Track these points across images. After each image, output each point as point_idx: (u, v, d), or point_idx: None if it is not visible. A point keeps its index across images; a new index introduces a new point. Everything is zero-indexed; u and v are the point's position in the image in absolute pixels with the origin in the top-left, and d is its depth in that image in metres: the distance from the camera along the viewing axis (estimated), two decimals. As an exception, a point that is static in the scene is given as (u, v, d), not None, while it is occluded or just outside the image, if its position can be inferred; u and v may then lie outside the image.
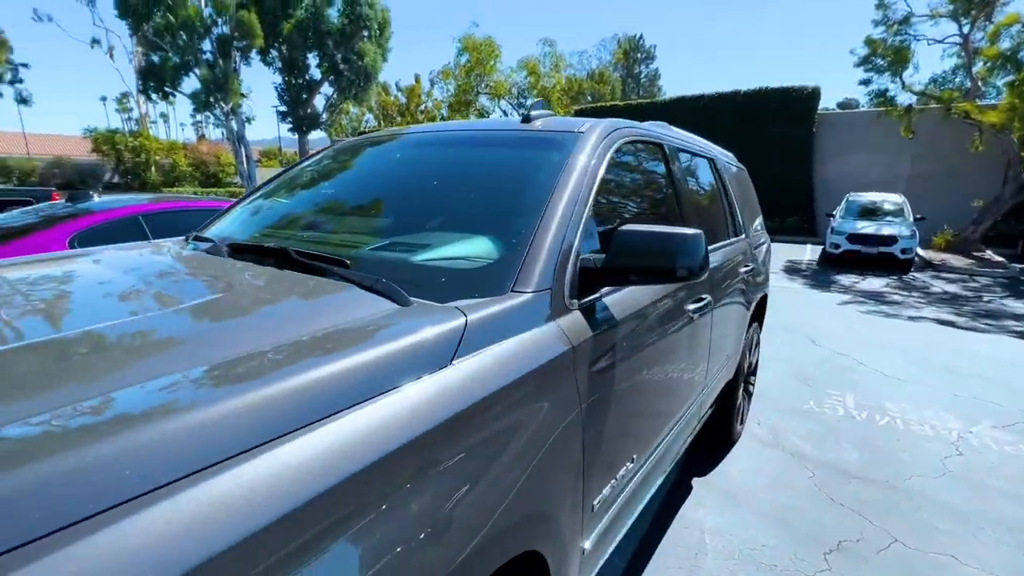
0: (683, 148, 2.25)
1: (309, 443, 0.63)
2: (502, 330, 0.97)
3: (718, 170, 2.75)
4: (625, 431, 1.36)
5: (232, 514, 0.52)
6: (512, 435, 0.91)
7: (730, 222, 2.72)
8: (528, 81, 18.64)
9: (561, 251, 1.19)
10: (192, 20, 23.17)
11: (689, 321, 1.79)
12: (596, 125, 1.60)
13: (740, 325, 2.67)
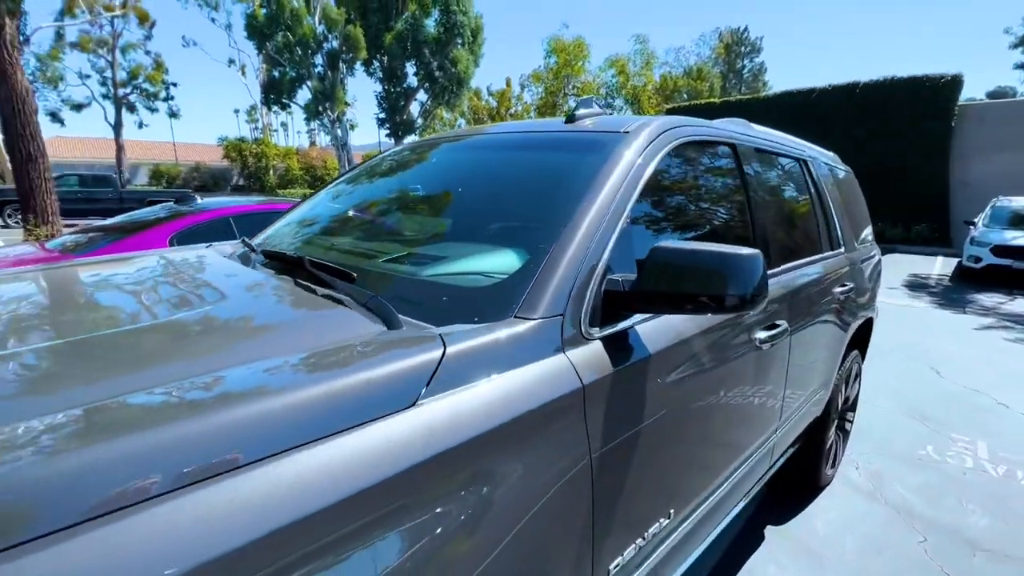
0: (763, 149, 1.95)
1: (207, 499, 0.54)
2: (491, 363, 0.84)
3: (811, 174, 2.37)
4: (657, 484, 1.15)
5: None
6: (494, 490, 0.77)
7: (824, 234, 2.33)
8: (617, 80, 18.08)
9: (582, 271, 1.03)
10: (307, 37, 25.46)
11: (756, 352, 1.52)
12: (646, 124, 1.41)
13: (832, 354, 2.28)
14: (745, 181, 1.73)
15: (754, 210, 1.73)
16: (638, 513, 1.10)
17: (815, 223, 2.27)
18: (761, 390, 1.60)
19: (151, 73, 29.88)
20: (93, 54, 27.56)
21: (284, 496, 0.57)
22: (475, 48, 29.71)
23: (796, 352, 1.82)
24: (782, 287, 1.75)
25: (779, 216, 1.96)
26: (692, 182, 1.56)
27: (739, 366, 1.44)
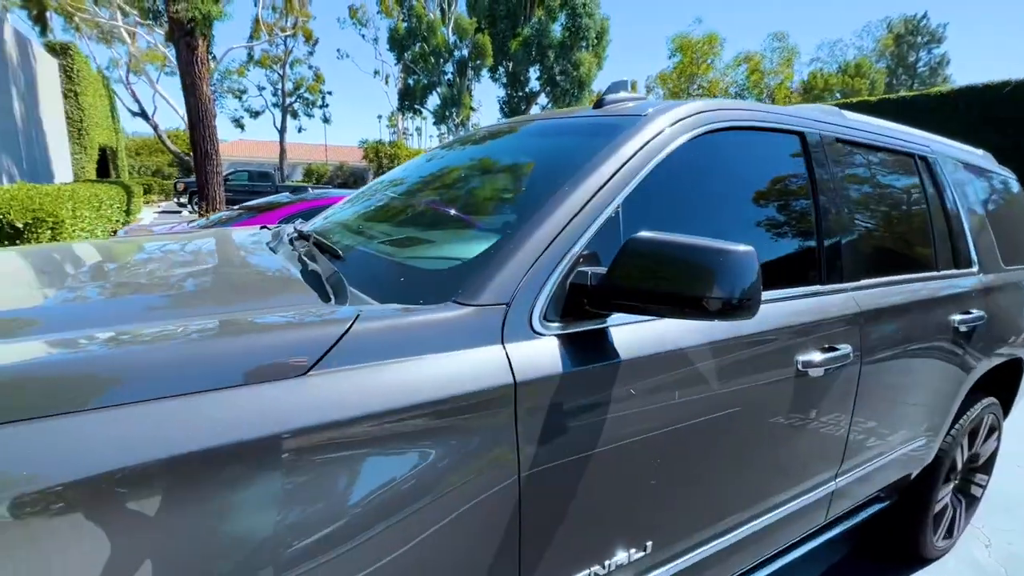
0: (852, 140, 1.62)
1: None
2: (404, 346, 0.79)
3: (932, 174, 1.93)
4: (616, 518, 1.01)
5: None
6: (383, 482, 0.73)
7: (943, 248, 1.88)
8: (748, 79, 16.58)
9: (542, 261, 0.94)
10: (440, 47, 27.27)
11: (798, 379, 1.27)
12: (670, 106, 1.25)
13: (941, 396, 1.83)
14: (814, 176, 1.46)
15: (824, 210, 1.45)
16: (583, 552, 0.97)
17: (928, 233, 1.85)
18: (804, 426, 1.33)
19: (311, 84, 34.26)
20: (269, 69, 32.39)
21: (150, 435, 0.60)
22: (599, 50, 29.41)
23: (871, 385, 1.49)
24: (856, 305, 1.44)
25: (866, 220, 1.62)
26: (730, 174, 1.35)
27: (765, 393, 1.21)
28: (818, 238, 1.44)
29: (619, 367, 0.96)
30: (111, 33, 21.85)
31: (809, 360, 1.27)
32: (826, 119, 1.60)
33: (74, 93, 12.91)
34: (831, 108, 1.75)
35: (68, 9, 20.83)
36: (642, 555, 1.06)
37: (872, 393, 1.51)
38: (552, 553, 0.91)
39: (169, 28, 9.89)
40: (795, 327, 1.27)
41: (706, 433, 1.11)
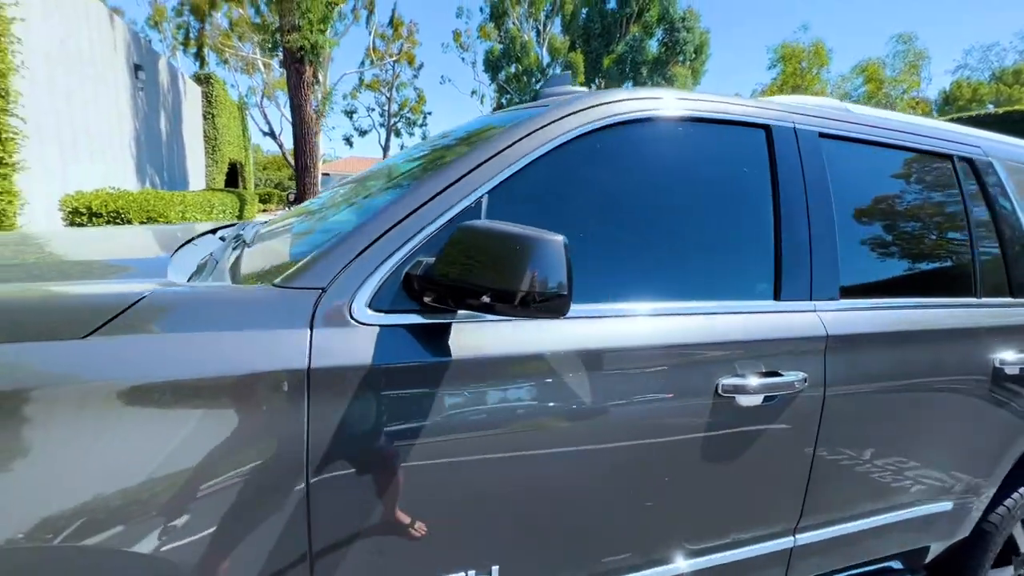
0: (842, 135, 1.38)
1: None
2: (195, 322, 0.80)
3: (982, 181, 1.58)
4: (452, 532, 0.92)
5: None
6: (150, 454, 0.74)
7: (989, 269, 1.52)
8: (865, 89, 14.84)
9: (368, 248, 0.90)
10: (533, 66, 27.95)
11: (726, 405, 1.09)
12: (585, 95, 1.15)
13: (976, 452, 1.47)
14: (777, 175, 1.26)
15: (788, 214, 1.24)
16: (393, 563, 0.89)
17: (964, 250, 1.51)
18: (728, 462, 1.13)
19: (414, 105, 36.75)
20: (378, 92, 35.32)
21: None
22: (697, 64, 28.31)
23: (843, 424, 1.23)
24: (821, 326, 1.21)
25: (859, 229, 1.36)
26: (656, 168, 1.20)
27: (661, 416, 1.05)
28: (776, 246, 1.23)
29: (454, 367, 0.89)
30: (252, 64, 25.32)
31: (738, 385, 1.09)
32: (809, 112, 1.38)
33: (212, 115, 15.04)
34: (830, 101, 1.52)
35: (219, 47, 24.46)
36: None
37: (845, 435, 1.25)
38: (351, 560, 0.86)
39: (283, 56, 11.19)
40: (717, 344, 1.10)
41: (570, 454, 0.99)
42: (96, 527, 0.69)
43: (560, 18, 29.49)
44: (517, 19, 29.65)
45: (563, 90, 1.37)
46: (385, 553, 0.88)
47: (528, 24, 29.43)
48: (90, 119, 7.59)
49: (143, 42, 10.33)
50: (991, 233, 1.57)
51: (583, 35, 28.75)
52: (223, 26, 24.14)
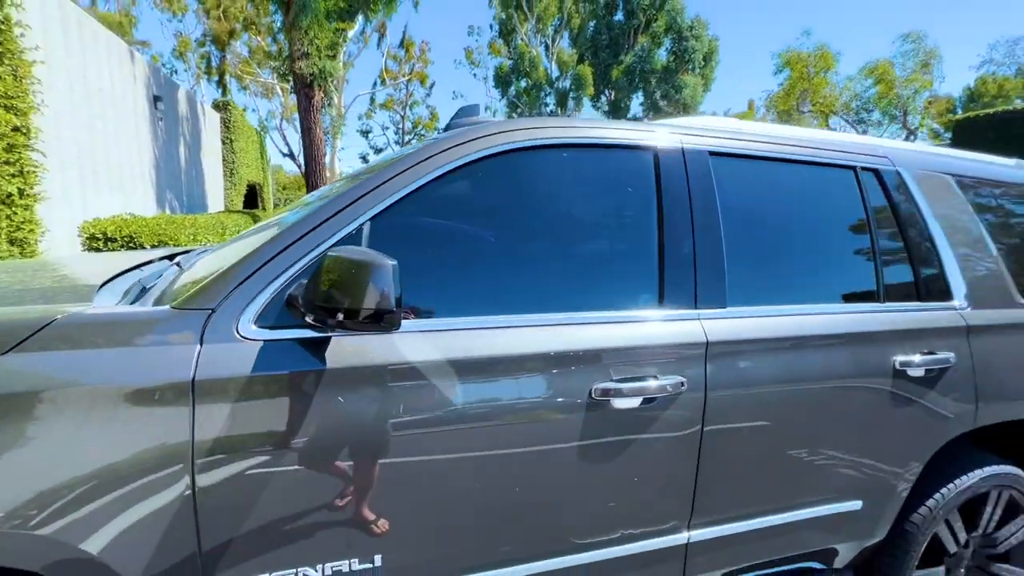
0: (732, 153, 1.47)
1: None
2: (102, 337, 0.94)
3: (888, 191, 1.64)
4: (333, 523, 1.03)
5: None
6: (58, 451, 0.87)
7: (893, 275, 1.58)
8: (875, 91, 14.63)
9: (255, 273, 1.03)
10: (541, 81, 28.33)
11: (602, 408, 1.18)
12: (472, 127, 1.27)
13: (881, 453, 1.50)
14: (662, 193, 1.35)
15: (671, 229, 1.33)
16: (269, 550, 1.00)
17: (865, 258, 1.57)
18: (607, 461, 1.21)
19: (427, 123, 37.50)
20: (392, 111, 36.21)
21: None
22: (706, 72, 28.25)
23: (729, 425, 1.31)
24: (702, 333, 1.29)
25: (748, 240, 1.44)
26: (545, 192, 1.31)
27: (533, 418, 1.14)
28: (660, 259, 1.33)
29: (333, 374, 1.01)
30: (271, 89, 26.37)
31: (610, 389, 1.18)
32: (700, 132, 1.47)
33: (230, 140, 15.68)
34: (725, 121, 1.61)
35: (239, 74, 25.47)
36: (368, 566, 1.06)
37: (732, 436, 1.32)
38: (235, 555, 0.97)
39: (293, 81, 11.65)
40: (590, 351, 1.19)
41: (459, 445, 1.09)
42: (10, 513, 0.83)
43: (568, 32, 29.90)
44: (525, 35, 30.13)
45: (471, 120, 1.49)
46: (268, 543, 0.99)
47: (536, 39, 29.89)
48: (110, 149, 8.04)
49: (162, 74, 10.90)
50: (896, 240, 1.63)
51: (591, 47, 29.04)
52: (243, 54, 25.28)
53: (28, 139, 5.03)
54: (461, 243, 1.23)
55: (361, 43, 23.51)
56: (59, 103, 6.28)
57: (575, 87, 28.48)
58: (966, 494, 1.66)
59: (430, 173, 1.17)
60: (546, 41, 30.10)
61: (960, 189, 1.77)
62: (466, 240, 1.23)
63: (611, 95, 29.55)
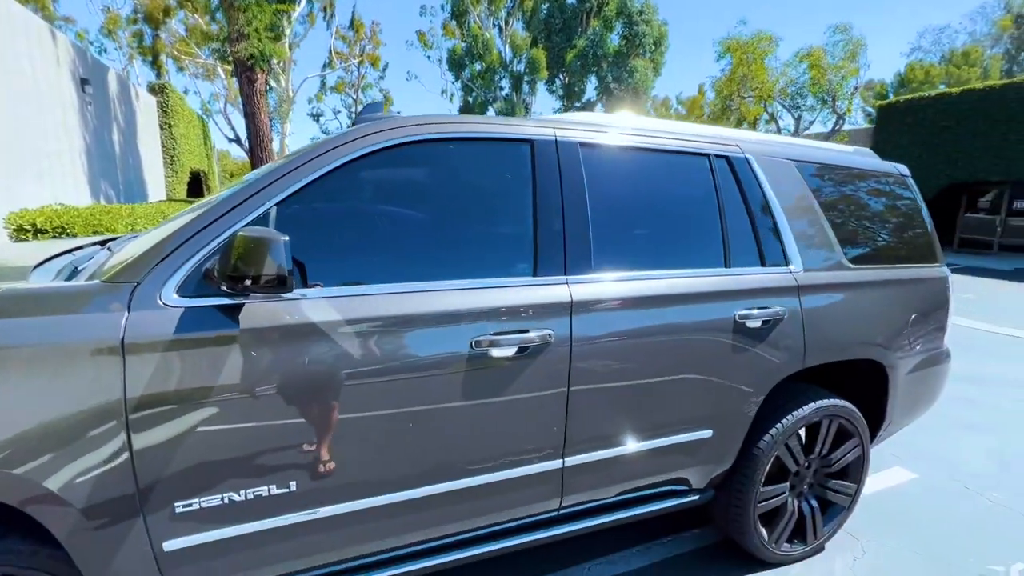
0: (599, 144, 1.74)
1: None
2: (40, 306, 1.12)
3: (737, 175, 1.96)
4: (250, 457, 1.25)
5: None
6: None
7: (738, 245, 1.91)
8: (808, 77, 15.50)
9: (176, 251, 1.23)
10: (495, 64, 28.22)
11: (482, 357, 1.43)
12: (362, 127, 1.48)
13: (724, 389, 1.83)
14: (536, 179, 1.61)
15: (544, 210, 1.60)
16: (200, 479, 1.21)
17: (713, 231, 1.88)
18: (491, 401, 1.48)
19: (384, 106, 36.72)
20: (344, 94, 35.19)
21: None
22: (657, 56, 28.86)
23: (592, 369, 1.59)
24: (568, 295, 1.57)
25: (610, 218, 1.71)
26: (431, 180, 1.55)
27: (424, 365, 1.39)
28: (535, 235, 1.59)
29: (245, 334, 1.22)
30: (213, 71, 25.08)
31: (487, 339, 1.43)
32: (573, 126, 1.73)
33: (168, 125, 15.00)
34: (601, 116, 1.87)
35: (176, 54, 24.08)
36: (284, 491, 1.29)
37: (596, 377, 1.61)
38: (169, 485, 1.18)
39: (233, 65, 11.26)
40: (472, 311, 1.44)
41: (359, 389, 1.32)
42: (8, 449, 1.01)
43: (521, 14, 29.80)
44: (479, 16, 29.82)
45: (374, 117, 1.70)
46: (196, 476, 1.20)
47: (489, 21, 29.65)
48: (36, 136, 7.65)
49: (89, 56, 10.32)
50: (743, 215, 1.95)
51: (544, 31, 29.08)
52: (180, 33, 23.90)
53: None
54: (358, 224, 1.45)
55: (307, 24, 22.68)
56: (-26, 88, 5.96)
57: (529, 71, 28.52)
58: (801, 423, 2.04)
59: (328, 165, 1.38)
60: (499, 23, 29.93)
61: (800, 172, 2.12)
62: (362, 221, 1.46)
63: (565, 79, 29.81)
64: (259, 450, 1.26)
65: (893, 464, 3.13)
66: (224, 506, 1.24)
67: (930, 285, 2.36)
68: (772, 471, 2.09)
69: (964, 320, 6.77)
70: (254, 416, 1.24)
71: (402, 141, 1.48)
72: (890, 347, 2.18)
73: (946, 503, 2.71)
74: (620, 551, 2.24)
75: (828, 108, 15.65)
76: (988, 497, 2.77)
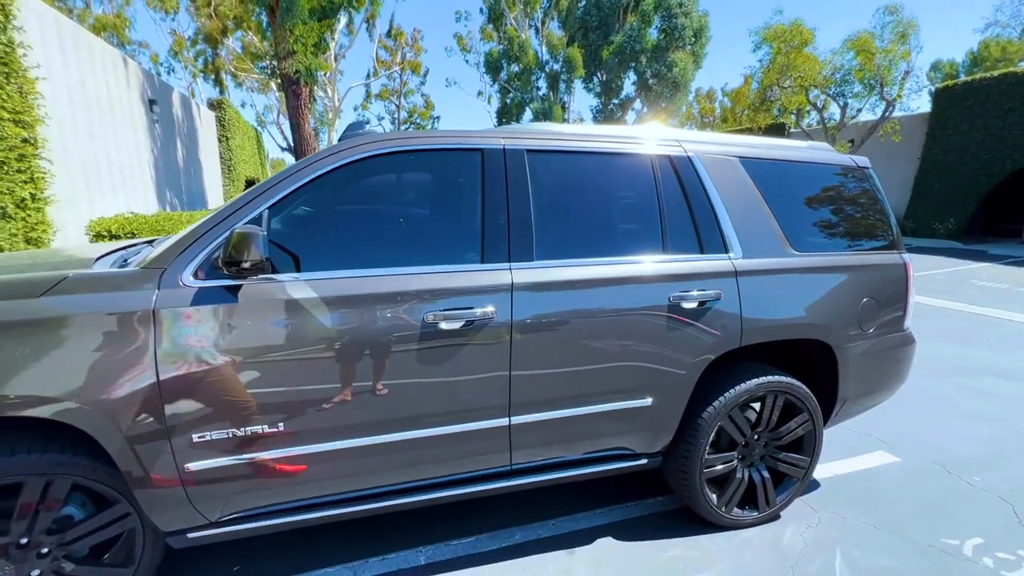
0: (546, 150, 2.02)
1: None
2: (98, 287, 1.54)
3: (679, 173, 2.19)
4: (247, 401, 1.63)
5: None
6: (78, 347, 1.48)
7: (676, 234, 2.13)
8: (856, 63, 14.78)
9: (192, 245, 1.62)
10: (531, 65, 28.51)
11: (432, 327, 1.75)
12: (341, 145, 1.84)
13: (659, 360, 2.04)
14: (484, 182, 1.91)
15: (490, 208, 1.90)
16: (221, 422, 1.60)
17: (655, 222, 2.12)
18: (440, 363, 1.79)
19: (422, 111, 37.80)
20: (387, 101, 36.54)
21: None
22: (697, 49, 28.24)
23: (529, 340, 1.87)
24: (510, 278, 1.86)
25: (551, 213, 1.99)
26: (397, 185, 1.89)
27: (385, 333, 1.72)
28: (482, 229, 1.89)
29: (243, 306, 1.60)
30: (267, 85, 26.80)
31: (436, 314, 1.76)
32: (521, 135, 2.02)
33: (226, 138, 16.29)
34: (545, 126, 2.13)
35: (234, 70, 25.86)
36: (274, 430, 1.67)
37: (534, 348, 1.89)
38: (188, 420, 1.58)
39: (281, 79, 12.13)
40: (425, 291, 1.77)
41: (332, 353, 1.68)
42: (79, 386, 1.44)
43: (557, 14, 29.95)
44: (515, 18, 30.20)
45: (358, 133, 2.05)
46: (208, 413, 1.59)
47: (525, 23, 29.98)
48: (111, 153, 8.66)
49: (156, 78, 11.45)
50: (682, 208, 2.18)
51: (581, 29, 29.09)
52: (237, 50, 25.69)
53: (36, 149, 5.65)
54: (335, 221, 1.81)
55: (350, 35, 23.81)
56: (62, 114, 6.88)
57: (566, 69, 28.64)
58: (744, 396, 2.23)
59: (310, 175, 1.75)
60: (535, 24, 30.20)
61: (744, 167, 2.31)
62: (339, 218, 1.82)
63: (603, 76, 29.68)
64: (254, 396, 1.64)
65: (878, 448, 3.21)
66: (228, 439, 1.63)
67: (885, 271, 2.48)
68: (721, 441, 2.30)
69: (1015, 315, 6.48)
70: (249, 368, 1.62)
71: (372, 154, 1.82)
72: (837, 329, 2.33)
73: (920, 484, 2.79)
74: (584, 511, 2.51)
75: (876, 95, 14.91)
76: (968, 480, 2.82)
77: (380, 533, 2.31)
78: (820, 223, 2.44)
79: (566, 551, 2.23)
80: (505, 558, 2.18)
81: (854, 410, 2.60)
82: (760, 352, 2.36)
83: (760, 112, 20.43)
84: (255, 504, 1.74)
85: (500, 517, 2.45)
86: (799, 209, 2.40)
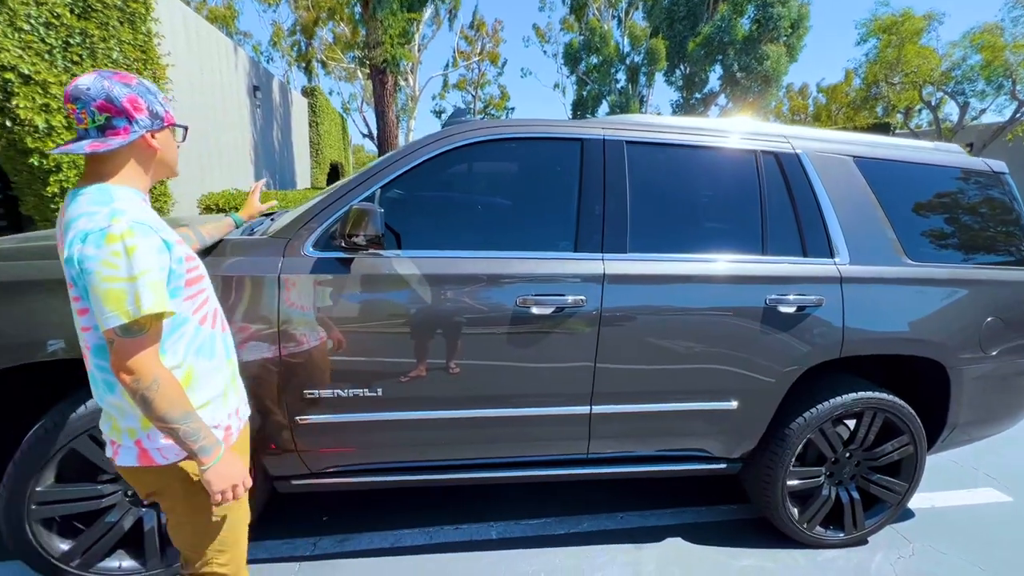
0: (646, 142, 1.99)
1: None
2: (246, 251, 1.72)
3: (784, 170, 2.08)
4: (357, 364, 1.75)
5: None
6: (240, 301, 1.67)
7: (777, 234, 2.03)
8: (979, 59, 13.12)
9: (313, 219, 1.77)
10: (612, 56, 27.87)
11: (524, 311, 1.80)
12: (448, 130, 1.92)
13: (751, 365, 1.97)
14: (583, 172, 1.93)
15: (586, 197, 1.91)
16: (322, 379, 1.74)
17: (756, 221, 2.03)
18: (529, 345, 1.83)
19: (498, 102, 38.11)
20: (464, 91, 37.22)
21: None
22: (793, 41, 26.32)
23: (617, 331, 1.86)
24: (602, 268, 1.87)
25: (650, 206, 1.97)
26: (497, 170, 1.94)
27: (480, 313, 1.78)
28: (577, 219, 1.91)
29: (354, 277, 1.73)
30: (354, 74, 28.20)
31: (529, 299, 1.80)
32: (621, 126, 2.01)
33: (316, 123, 17.33)
34: (645, 118, 2.10)
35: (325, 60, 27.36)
36: (373, 395, 1.79)
37: (622, 340, 1.89)
38: (301, 376, 1.73)
39: (369, 68, 12.70)
40: (517, 275, 1.82)
41: (428, 327, 1.77)
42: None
43: (642, 4, 29.01)
44: (598, 9, 29.62)
45: (461, 120, 2.13)
46: (319, 372, 1.74)
47: (608, 13, 29.32)
48: (220, 134, 9.50)
49: (260, 66, 12.37)
50: (786, 208, 2.08)
51: (667, 19, 28.02)
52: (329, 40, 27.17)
53: (163, 128, 6.32)
54: (439, 203, 1.90)
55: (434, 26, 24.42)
56: (183, 97, 7.63)
57: (647, 62, 27.75)
58: (838, 410, 2.10)
59: (420, 158, 1.84)
60: (619, 15, 29.46)
61: (858, 167, 2.16)
62: (442, 201, 1.90)
63: (686, 69, 28.47)
64: (359, 360, 1.77)
65: (986, 484, 2.92)
66: (333, 398, 1.77)
67: (1016, 289, 2.23)
68: (808, 454, 2.19)
69: None
70: (356, 334, 1.75)
71: (477, 140, 1.89)
72: (954, 348, 2.14)
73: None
74: (653, 509, 2.49)
75: (1006, 93, 13.21)
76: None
77: (455, 504, 2.42)
78: (942, 232, 2.23)
79: (634, 545, 2.23)
80: (574, 543, 2.21)
81: (962, 439, 2.38)
82: (859, 365, 2.22)
83: (861, 110, 18.73)
84: (348, 462, 1.88)
85: (568, 504, 2.48)
86: (919, 215, 2.21)
